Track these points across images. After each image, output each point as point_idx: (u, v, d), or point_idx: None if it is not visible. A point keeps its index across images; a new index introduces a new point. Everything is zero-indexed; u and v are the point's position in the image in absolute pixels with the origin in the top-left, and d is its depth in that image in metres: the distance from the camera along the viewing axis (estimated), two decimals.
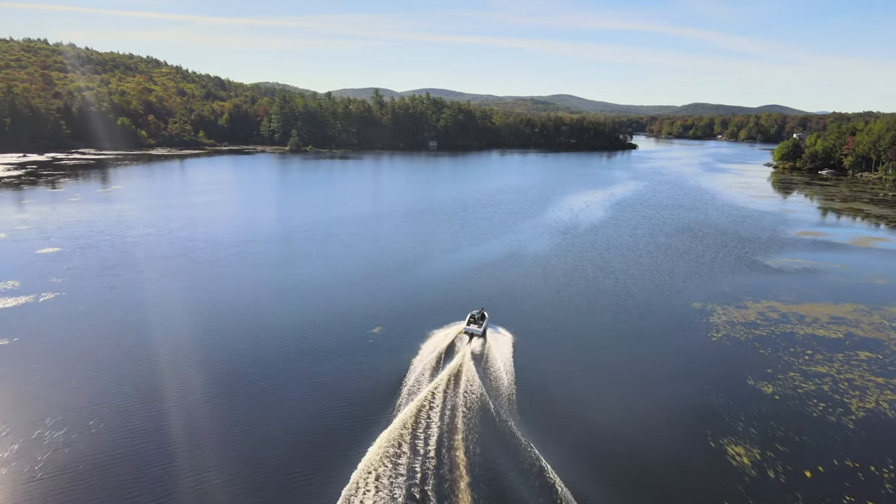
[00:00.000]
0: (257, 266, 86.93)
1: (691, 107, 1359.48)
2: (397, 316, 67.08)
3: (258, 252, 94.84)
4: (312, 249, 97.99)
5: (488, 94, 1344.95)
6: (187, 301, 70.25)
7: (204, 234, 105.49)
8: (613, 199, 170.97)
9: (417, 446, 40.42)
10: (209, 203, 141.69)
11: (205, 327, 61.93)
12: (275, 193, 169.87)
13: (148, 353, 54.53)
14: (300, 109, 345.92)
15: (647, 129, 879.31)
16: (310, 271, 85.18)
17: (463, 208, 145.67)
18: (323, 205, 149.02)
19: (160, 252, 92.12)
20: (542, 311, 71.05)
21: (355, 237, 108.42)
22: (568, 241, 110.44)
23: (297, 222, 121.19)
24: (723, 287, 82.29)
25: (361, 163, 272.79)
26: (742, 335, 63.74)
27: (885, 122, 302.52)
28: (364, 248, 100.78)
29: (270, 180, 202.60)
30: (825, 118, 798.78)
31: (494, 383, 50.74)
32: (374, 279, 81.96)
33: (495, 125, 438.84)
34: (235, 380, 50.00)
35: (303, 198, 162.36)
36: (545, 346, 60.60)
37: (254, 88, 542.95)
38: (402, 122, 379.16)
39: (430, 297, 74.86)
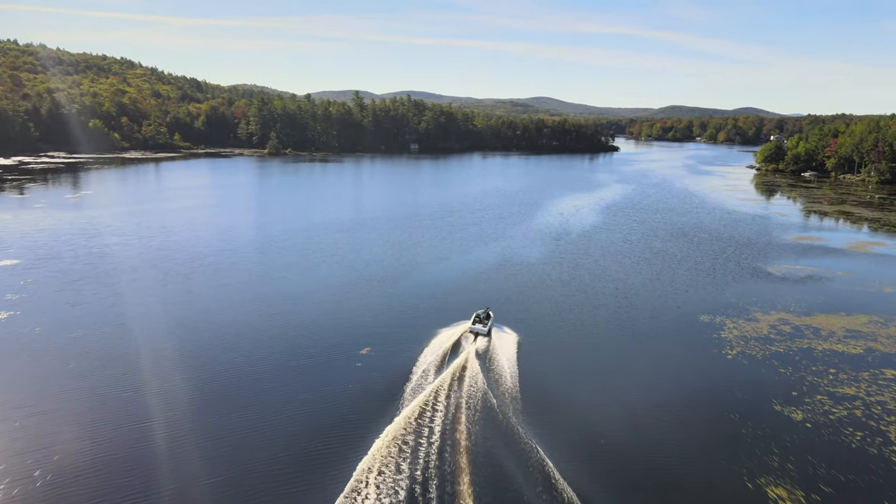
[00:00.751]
0: (234, 278, 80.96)
1: (669, 109, 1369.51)
2: (385, 334, 61.70)
3: (235, 262, 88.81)
4: (293, 259, 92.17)
5: (468, 97, 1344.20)
6: (156, 320, 64.12)
7: (177, 244, 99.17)
8: (602, 203, 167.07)
9: (421, 441, 40.98)
10: (184, 209, 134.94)
11: (178, 347, 56.09)
12: (253, 198, 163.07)
13: (109, 383, 48.63)
14: (279, 111, 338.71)
15: (627, 132, 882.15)
16: (291, 283, 79.41)
17: (449, 213, 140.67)
18: (303, 210, 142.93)
19: (128, 264, 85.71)
20: (540, 327, 66.11)
21: (339, 246, 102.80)
22: (562, 248, 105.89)
23: (277, 229, 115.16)
24: (728, 297, 78.12)
25: (342, 166, 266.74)
26: (758, 352, 59.38)
27: (865, 124, 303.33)
28: (349, 257, 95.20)
29: (248, 184, 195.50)
30: (801, 120, 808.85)
31: (498, 381, 51.30)
32: (360, 291, 76.47)
33: (477, 127, 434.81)
34: (223, 393, 44.54)
35: (282, 203, 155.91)
36: (546, 367, 55.75)
37: (231, 90, 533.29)
38: (384, 124, 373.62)
39: (417, 310, 69.58)
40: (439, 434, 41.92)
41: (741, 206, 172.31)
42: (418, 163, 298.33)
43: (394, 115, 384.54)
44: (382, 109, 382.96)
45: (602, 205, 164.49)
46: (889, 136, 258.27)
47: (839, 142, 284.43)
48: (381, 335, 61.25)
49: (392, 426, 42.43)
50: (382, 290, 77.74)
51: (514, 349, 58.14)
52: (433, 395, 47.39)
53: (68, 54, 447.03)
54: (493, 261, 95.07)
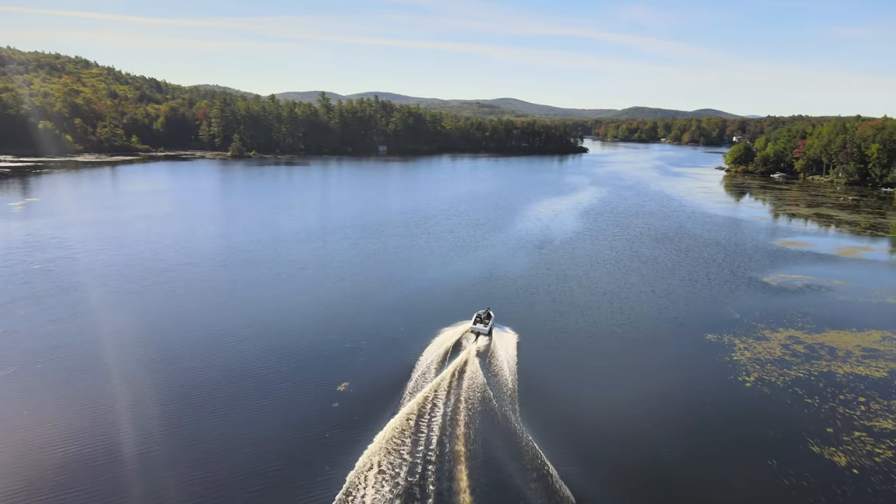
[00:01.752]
0: (191, 296, 72.96)
1: (631, 110, 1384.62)
2: (365, 370, 54.72)
3: (193, 279, 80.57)
4: (259, 274, 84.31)
5: (434, 98, 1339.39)
6: (100, 349, 56.01)
7: (129, 257, 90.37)
8: (581, 207, 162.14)
9: (421, 435, 42.14)
10: (139, 218, 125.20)
11: (130, 385, 48.25)
12: (215, 205, 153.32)
13: (38, 426, 40.78)
14: (242, 113, 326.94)
15: (594, 133, 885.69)
16: (258, 301, 71.69)
17: (424, 220, 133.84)
18: (269, 218, 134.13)
19: (71, 281, 76.82)
20: (528, 361, 59.85)
21: (309, 257, 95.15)
22: (547, 258, 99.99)
23: (241, 239, 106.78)
24: (731, 312, 73.04)
25: (309, 169, 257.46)
26: (777, 378, 54.04)
27: (831, 125, 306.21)
28: (321, 270, 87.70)
29: (210, 190, 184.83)
30: (762, 122, 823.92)
31: (497, 378, 52.49)
32: (337, 310, 69.26)
33: (446, 129, 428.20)
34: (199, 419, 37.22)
35: (247, 210, 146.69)
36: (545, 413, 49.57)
37: (193, 91, 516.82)
38: (351, 125, 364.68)
39: (396, 332, 62.67)
40: (439, 428, 43.14)
41: (719, 209, 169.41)
42: (387, 165, 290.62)
43: (361, 116, 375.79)
44: (349, 111, 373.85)
45: (580, 209, 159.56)
46: (857, 138, 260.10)
47: (807, 143, 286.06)
48: (362, 365, 54.34)
49: (393, 420, 43.76)
50: (359, 307, 70.61)
51: (514, 350, 58.84)
52: (434, 390, 48.75)
53: (19, 53, 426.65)
54: (474, 274, 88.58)
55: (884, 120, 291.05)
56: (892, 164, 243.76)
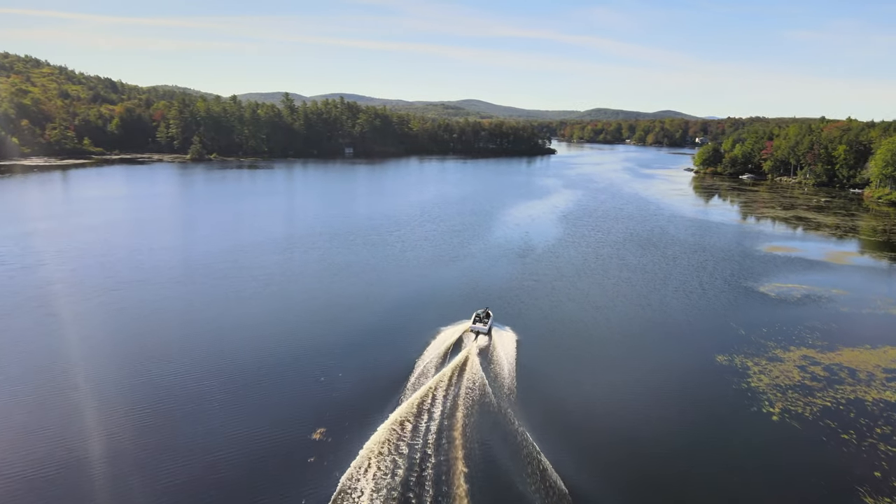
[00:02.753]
0: (137, 319, 64.91)
1: (594, 111, 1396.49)
2: (337, 415, 47.82)
3: (144, 297, 72.39)
4: (218, 291, 76.40)
5: (398, 99, 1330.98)
6: (33, 386, 47.92)
7: (72, 274, 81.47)
8: (558, 212, 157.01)
9: (420, 429, 43.09)
10: (88, 228, 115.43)
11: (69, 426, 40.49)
12: (172, 213, 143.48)
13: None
14: (202, 114, 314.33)
15: (559, 134, 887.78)
16: (214, 323, 64.05)
17: (396, 227, 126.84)
18: (231, 227, 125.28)
19: (2, 305, 68.09)
20: (522, 395, 53.66)
21: (274, 271, 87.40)
22: (531, 268, 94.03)
23: (199, 252, 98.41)
24: (736, 328, 68.00)
25: (273, 172, 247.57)
26: (804, 408, 48.78)
27: (798, 126, 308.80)
28: (287, 286, 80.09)
29: (167, 195, 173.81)
30: (722, 123, 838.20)
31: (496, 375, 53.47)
32: (307, 331, 61.99)
33: (413, 131, 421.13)
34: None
35: (206, 218, 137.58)
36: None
37: (151, 91, 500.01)
38: (316, 127, 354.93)
39: (376, 361, 55.81)
40: (438, 423, 44.20)
41: (697, 212, 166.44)
42: (354, 168, 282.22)
43: (326, 117, 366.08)
44: (314, 112, 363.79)
45: (558, 213, 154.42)
46: (823, 140, 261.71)
47: (775, 145, 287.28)
48: (337, 404, 47.39)
49: (395, 414, 44.93)
50: (329, 328, 63.45)
51: (513, 349, 59.42)
52: (435, 386, 49.76)
53: None
54: (453, 288, 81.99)
55: (848, 121, 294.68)
56: (859, 166, 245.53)
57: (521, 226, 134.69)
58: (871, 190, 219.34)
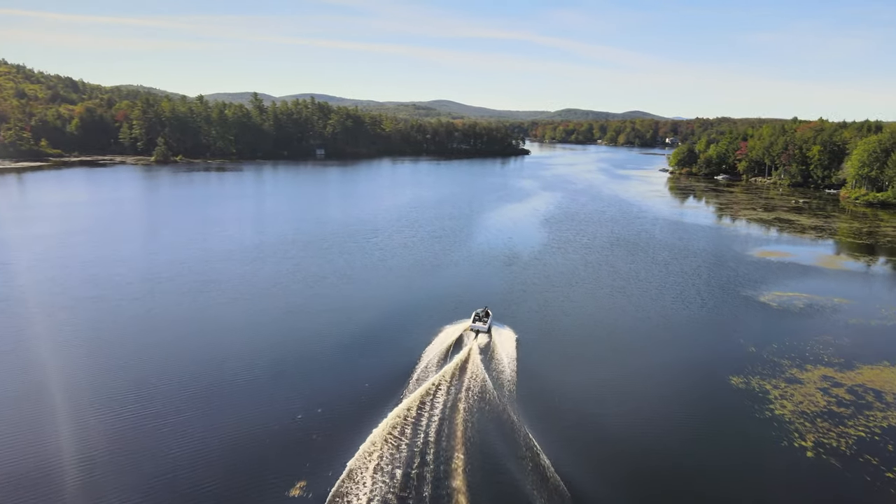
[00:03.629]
0: (88, 343, 57.88)
1: (564, 112, 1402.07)
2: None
3: (96, 318, 65.22)
4: (181, 308, 69.48)
5: (369, 100, 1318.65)
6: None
7: (18, 290, 73.71)
8: (539, 215, 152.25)
9: (420, 426, 43.59)
10: (39, 237, 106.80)
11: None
12: (133, 219, 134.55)
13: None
14: (167, 114, 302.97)
15: (531, 134, 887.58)
16: (171, 344, 57.34)
17: (373, 233, 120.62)
18: (197, 234, 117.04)
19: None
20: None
21: (244, 284, 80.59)
22: (519, 277, 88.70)
23: (162, 262, 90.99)
24: (744, 344, 63.48)
25: (242, 175, 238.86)
26: (839, 441, 44.12)
27: (771, 127, 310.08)
28: (256, 302, 73.44)
29: (129, 200, 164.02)
30: (692, 123, 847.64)
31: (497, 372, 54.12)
32: (274, 357, 55.65)
33: (385, 131, 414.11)
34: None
35: (170, 225, 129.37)
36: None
37: (114, 91, 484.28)
38: (286, 128, 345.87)
39: (359, 392, 49.84)
40: (439, 418, 44.88)
41: (679, 213, 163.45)
42: (326, 170, 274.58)
43: (297, 118, 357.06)
44: (284, 112, 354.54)
45: (540, 216, 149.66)
46: (797, 140, 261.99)
47: (749, 145, 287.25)
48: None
49: (397, 409, 45.68)
50: (304, 351, 57.24)
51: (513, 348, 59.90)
52: (437, 383, 50.55)
53: None
54: (437, 299, 76.19)
55: (820, 122, 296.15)
56: (833, 166, 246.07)
57: (504, 230, 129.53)
58: (847, 190, 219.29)
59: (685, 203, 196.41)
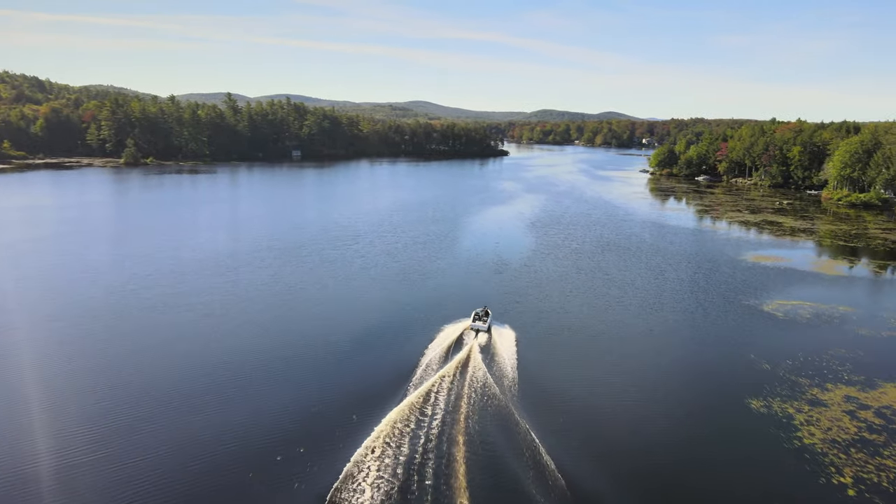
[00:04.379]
0: (41, 371, 51.76)
1: (541, 113, 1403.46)
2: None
3: (57, 340, 59.08)
4: (143, 332, 63.53)
5: (345, 101, 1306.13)
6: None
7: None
8: (525, 218, 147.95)
9: (424, 420, 44.32)
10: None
11: None
12: (98, 225, 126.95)
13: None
14: (137, 114, 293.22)
15: (508, 135, 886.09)
16: (134, 371, 51.54)
17: (353, 239, 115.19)
18: (166, 241, 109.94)
19: None
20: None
21: (216, 297, 74.66)
22: (508, 286, 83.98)
23: (127, 274, 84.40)
24: (756, 360, 59.42)
25: (215, 177, 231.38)
26: (877, 475, 39.97)
27: (749, 128, 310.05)
28: (231, 319, 67.59)
29: (96, 205, 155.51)
30: (667, 124, 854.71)
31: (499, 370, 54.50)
32: (248, 383, 50.20)
33: (363, 133, 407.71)
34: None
35: (138, 231, 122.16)
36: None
37: (82, 91, 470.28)
38: (261, 129, 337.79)
39: (331, 427, 44.76)
40: (442, 414, 45.15)
41: (666, 216, 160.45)
42: (302, 172, 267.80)
43: (272, 119, 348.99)
44: (259, 113, 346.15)
45: (525, 220, 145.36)
46: (778, 141, 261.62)
47: (730, 146, 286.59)
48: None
49: (401, 405, 45.96)
50: (288, 370, 51.84)
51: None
52: (440, 380, 50.88)
53: None
54: (424, 313, 71.14)
55: (799, 123, 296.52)
56: (813, 167, 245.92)
57: (490, 235, 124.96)
58: (828, 191, 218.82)
59: (669, 205, 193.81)
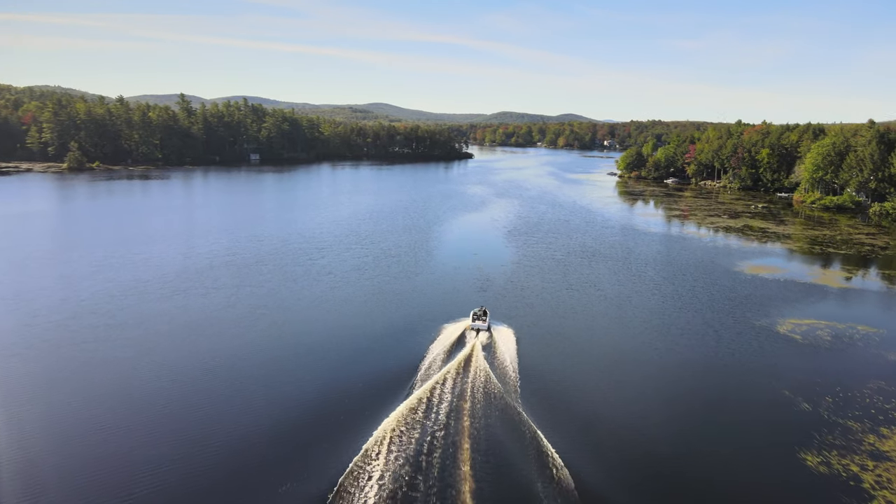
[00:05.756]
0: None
1: (501, 115, 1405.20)
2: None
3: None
4: (70, 376, 52.85)
5: (304, 103, 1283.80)
6: None
7: None
8: (501, 226, 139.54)
9: (430, 416, 44.89)
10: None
11: None
12: (30, 239, 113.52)
13: None
14: (82, 116, 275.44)
15: (470, 137, 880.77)
16: (48, 421, 41.10)
17: (319, 252, 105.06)
18: (106, 258, 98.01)
19: None
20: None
21: (157, 326, 64.02)
22: (497, 305, 74.86)
23: (55, 299, 72.90)
24: (794, 398, 51.75)
25: (168, 183, 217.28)
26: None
27: (715, 130, 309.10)
28: (175, 352, 57.20)
29: (32, 215, 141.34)
30: (628, 126, 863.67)
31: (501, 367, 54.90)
32: (180, 451, 40.41)
33: (324, 135, 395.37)
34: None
35: (77, 245, 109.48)
36: None
37: (25, 92, 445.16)
38: (217, 132, 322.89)
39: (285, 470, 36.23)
40: (446, 410, 46.01)
41: (645, 222, 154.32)
42: (261, 177, 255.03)
43: (229, 121, 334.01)
44: (215, 115, 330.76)
45: (502, 228, 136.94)
46: (746, 143, 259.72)
47: (697, 148, 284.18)
48: None
49: (407, 401, 46.77)
50: (239, 418, 42.22)
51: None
52: (444, 377, 51.49)
53: None
54: (406, 343, 61.86)
55: (765, 125, 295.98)
56: (782, 169, 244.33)
57: (467, 246, 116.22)
58: (800, 194, 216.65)
59: (647, 209, 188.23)
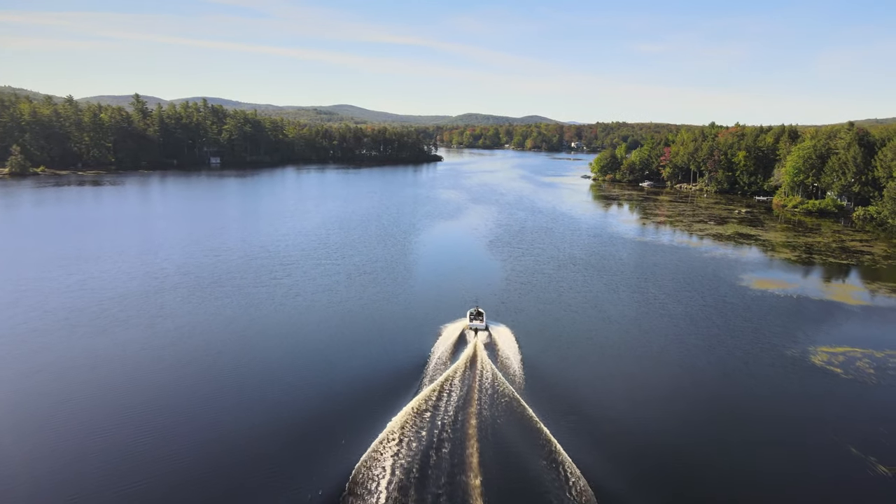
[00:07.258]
0: None
1: (465, 117, 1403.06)
2: None
3: None
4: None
5: (267, 104, 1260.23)
6: None
7: None
8: (482, 235, 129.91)
9: (439, 411, 45.71)
10: None
11: None
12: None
13: None
14: (26, 117, 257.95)
15: (438, 139, 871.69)
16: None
17: (284, 269, 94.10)
18: (34, 280, 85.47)
19: None
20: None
21: (84, 373, 52.86)
22: (493, 332, 65.58)
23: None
24: (863, 458, 43.16)
25: (121, 189, 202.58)
26: None
27: (689, 132, 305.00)
28: (99, 412, 46.30)
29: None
30: (594, 128, 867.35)
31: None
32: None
33: (288, 138, 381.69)
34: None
35: (14, 256, 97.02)
36: None
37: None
38: (175, 134, 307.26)
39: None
40: (455, 405, 46.81)
41: (635, 231, 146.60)
42: (222, 182, 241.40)
43: (187, 123, 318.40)
44: (172, 117, 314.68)
45: (483, 237, 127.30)
46: (723, 146, 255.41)
47: (672, 151, 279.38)
48: None
49: (414, 400, 47.13)
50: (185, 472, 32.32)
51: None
52: (450, 376, 52.07)
53: None
54: (383, 383, 51.78)
55: (739, 128, 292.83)
56: (759, 172, 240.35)
57: (448, 260, 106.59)
58: (781, 198, 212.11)
59: (629, 216, 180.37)
